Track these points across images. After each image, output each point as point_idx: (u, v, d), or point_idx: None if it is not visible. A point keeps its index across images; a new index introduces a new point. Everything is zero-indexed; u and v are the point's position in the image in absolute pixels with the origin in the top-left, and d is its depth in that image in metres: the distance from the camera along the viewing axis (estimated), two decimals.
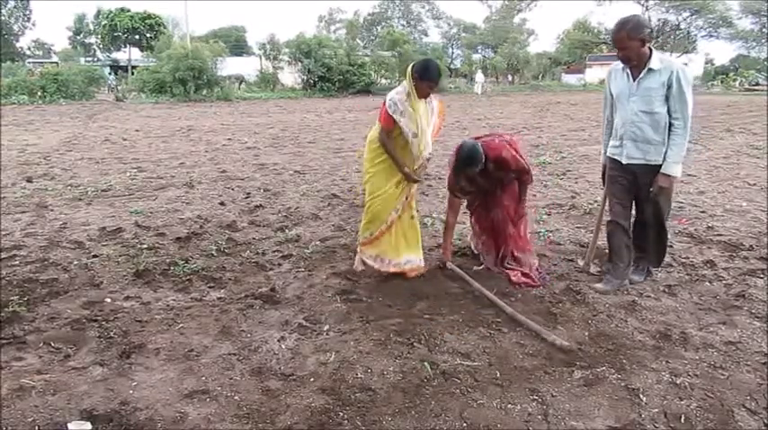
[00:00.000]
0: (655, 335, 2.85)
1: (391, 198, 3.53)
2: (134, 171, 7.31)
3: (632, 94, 3.15)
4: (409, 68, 3.37)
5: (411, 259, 3.63)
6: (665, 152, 3.12)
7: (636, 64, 3.08)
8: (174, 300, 3.30)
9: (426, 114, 3.44)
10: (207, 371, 2.51)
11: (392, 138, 3.43)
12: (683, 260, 3.97)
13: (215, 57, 24.40)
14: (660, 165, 3.14)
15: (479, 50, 51.64)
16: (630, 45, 2.98)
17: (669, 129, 3.10)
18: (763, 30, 39.08)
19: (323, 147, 9.74)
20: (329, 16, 56.25)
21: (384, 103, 3.37)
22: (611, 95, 3.34)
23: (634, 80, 3.12)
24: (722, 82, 40.85)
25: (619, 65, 3.21)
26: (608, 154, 3.42)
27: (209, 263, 3.89)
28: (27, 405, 2.24)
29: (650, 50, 3.06)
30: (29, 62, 38.19)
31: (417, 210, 3.78)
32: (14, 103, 19.12)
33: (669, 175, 3.13)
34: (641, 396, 2.33)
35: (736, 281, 3.60)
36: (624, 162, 3.29)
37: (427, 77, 3.31)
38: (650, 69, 3.04)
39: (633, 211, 3.47)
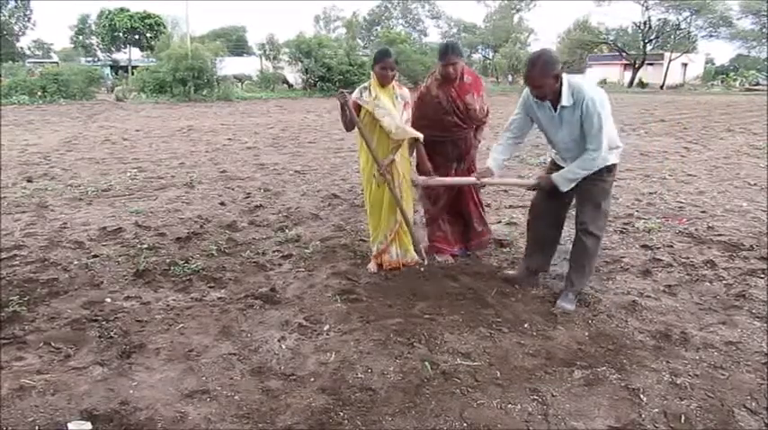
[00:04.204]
0: (655, 335, 2.86)
1: (381, 195, 3.58)
2: (134, 171, 7.31)
3: (558, 126, 3.02)
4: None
5: (409, 252, 3.78)
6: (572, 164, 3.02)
7: (551, 98, 2.96)
8: (174, 300, 3.30)
9: (393, 104, 3.44)
10: (207, 371, 2.51)
11: (364, 122, 3.46)
12: (683, 260, 3.97)
13: (215, 57, 24.39)
14: (602, 168, 3.02)
15: (479, 50, 51.65)
16: (544, 83, 2.83)
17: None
18: (763, 30, 39.03)
19: (323, 147, 9.74)
20: (325, 15, 56.26)
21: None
22: (532, 120, 3.21)
23: (555, 112, 2.99)
24: (722, 82, 40.90)
25: None
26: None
27: (209, 263, 3.89)
28: (27, 405, 2.24)
29: (560, 83, 2.88)
30: (29, 62, 38.18)
31: (415, 210, 3.79)
32: (14, 103, 19.08)
33: (552, 182, 3.10)
34: (641, 396, 2.33)
35: (736, 281, 3.60)
36: None
37: (377, 61, 3.41)
38: (563, 107, 2.92)
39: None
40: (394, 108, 3.42)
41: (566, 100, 2.87)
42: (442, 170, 3.81)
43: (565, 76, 2.88)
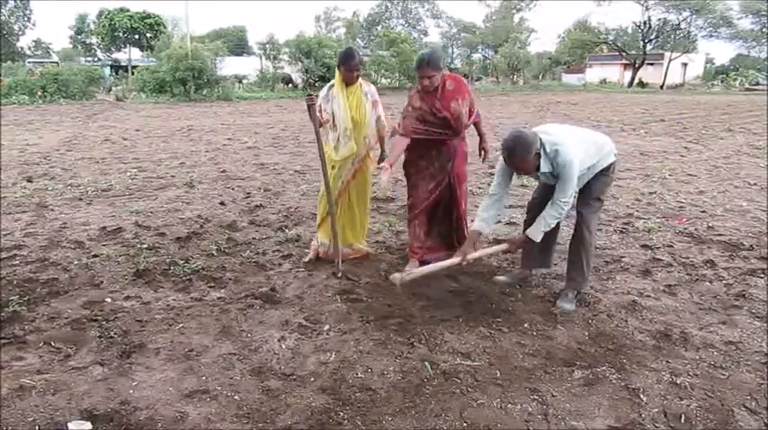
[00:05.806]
0: (655, 335, 2.86)
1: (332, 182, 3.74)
2: (134, 171, 7.31)
3: (543, 184, 3.25)
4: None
5: (352, 243, 3.91)
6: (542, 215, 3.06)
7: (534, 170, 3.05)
8: (174, 299, 3.30)
9: (358, 101, 3.65)
10: (207, 371, 2.51)
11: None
12: (683, 260, 3.97)
13: (215, 56, 24.38)
14: (604, 167, 3.15)
15: (479, 50, 51.66)
16: (526, 165, 2.94)
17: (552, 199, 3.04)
18: (763, 30, 39.02)
19: None
20: (326, 15, 56.25)
21: None
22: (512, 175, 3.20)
23: (536, 172, 3.05)
24: (722, 82, 40.88)
25: None
26: None
27: (209, 262, 3.89)
28: (27, 404, 2.24)
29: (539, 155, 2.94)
30: (29, 62, 38.15)
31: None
32: (14, 103, 19.08)
33: (527, 237, 3.15)
34: (641, 396, 2.33)
35: (736, 280, 3.60)
36: None
37: (343, 63, 3.59)
38: (542, 173, 3.00)
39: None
40: (359, 106, 3.64)
41: (544, 167, 2.97)
42: (426, 176, 3.71)
43: (542, 144, 2.92)
